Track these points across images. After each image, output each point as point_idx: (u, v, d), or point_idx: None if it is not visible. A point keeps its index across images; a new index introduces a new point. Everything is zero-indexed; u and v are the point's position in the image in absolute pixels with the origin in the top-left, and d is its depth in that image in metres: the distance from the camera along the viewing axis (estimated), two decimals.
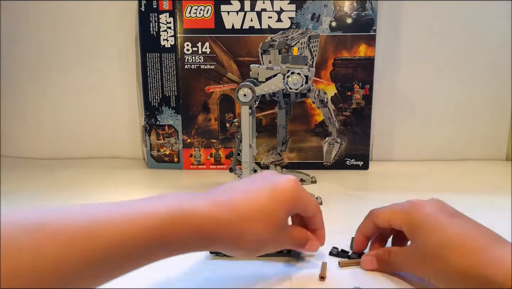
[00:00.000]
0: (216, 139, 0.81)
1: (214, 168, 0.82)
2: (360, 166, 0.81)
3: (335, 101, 0.78)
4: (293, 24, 0.75)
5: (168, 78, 0.79)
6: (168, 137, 0.82)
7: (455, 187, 0.72)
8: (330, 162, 0.81)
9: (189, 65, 0.78)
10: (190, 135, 0.81)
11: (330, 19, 0.75)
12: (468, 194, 0.68)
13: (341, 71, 0.77)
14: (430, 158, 0.86)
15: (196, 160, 0.82)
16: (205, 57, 0.77)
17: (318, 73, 0.77)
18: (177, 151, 0.82)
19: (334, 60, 0.77)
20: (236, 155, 0.64)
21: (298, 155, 0.81)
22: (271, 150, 0.80)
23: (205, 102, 0.79)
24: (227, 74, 0.78)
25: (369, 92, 0.78)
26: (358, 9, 0.75)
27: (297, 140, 0.80)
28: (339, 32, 0.75)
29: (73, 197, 0.68)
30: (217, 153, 0.82)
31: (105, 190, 0.71)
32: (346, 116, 0.79)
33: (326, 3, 0.74)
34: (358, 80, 0.77)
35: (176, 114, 0.80)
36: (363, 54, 0.76)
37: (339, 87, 0.78)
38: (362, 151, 0.80)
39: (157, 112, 0.80)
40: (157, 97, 0.80)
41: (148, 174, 0.81)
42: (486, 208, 0.62)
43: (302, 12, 0.75)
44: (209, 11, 0.75)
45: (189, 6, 0.75)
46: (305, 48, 0.76)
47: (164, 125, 0.81)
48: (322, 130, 0.80)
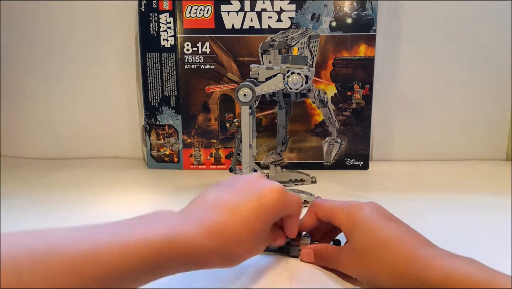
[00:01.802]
0: (216, 139, 0.81)
1: (214, 168, 0.82)
2: (360, 166, 0.81)
3: (335, 101, 0.78)
4: (293, 24, 0.75)
5: (168, 78, 0.79)
6: (168, 137, 0.82)
7: (455, 187, 0.72)
8: (330, 162, 0.81)
9: (189, 65, 0.78)
10: (190, 135, 0.81)
11: (330, 19, 0.75)
12: (468, 194, 0.68)
13: (341, 71, 0.77)
14: (430, 158, 0.86)
15: (196, 160, 0.82)
16: (205, 57, 0.77)
17: (318, 73, 0.77)
18: (177, 151, 0.82)
19: (334, 60, 0.77)
20: (236, 155, 0.64)
21: (298, 155, 0.81)
22: (271, 150, 0.80)
23: (205, 102, 0.79)
24: (227, 74, 0.78)
25: (369, 92, 0.78)
26: (358, 9, 0.75)
27: (297, 140, 0.80)
28: (339, 32, 0.75)
29: (73, 197, 0.68)
30: (217, 152, 0.82)
31: (105, 190, 0.71)
32: (346, 116, 0.79)
33: (326, 3, 0.74)
34: (358, 80, 0.77)
35: (176, 114, 0.80)
36: (363, 54, 0.76)
37: (339, 87, 0.78)
38: (362, 151, 0.80)
39: (157, 112, 0.80)
40: (157, 97, 0.80)
41: (148, 174, 0.81)
42: (486, 208, 0.62)
43: (302, 12, 0.75)
44: (209, 11, 0.75)
45: (189, 6, 0.75)
46: (305, 48, 0.76)
47: (164, 125, 0.81)
48: (322, 130, 0.80)
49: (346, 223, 0.42)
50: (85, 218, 0.59)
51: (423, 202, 0.65)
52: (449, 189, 0.71)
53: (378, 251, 0.38)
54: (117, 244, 0.30)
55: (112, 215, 0.62)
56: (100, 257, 0.29)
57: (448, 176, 0.79)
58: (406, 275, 0.36)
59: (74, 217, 0.59)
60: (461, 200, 0.66)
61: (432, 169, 0.82)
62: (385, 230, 0.39)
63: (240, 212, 0.38)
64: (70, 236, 0.31)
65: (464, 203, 0.64)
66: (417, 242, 0.38)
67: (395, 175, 0.79)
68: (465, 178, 0.77)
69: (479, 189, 0.71)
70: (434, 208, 0.63)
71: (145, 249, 0.31)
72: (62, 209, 0.62)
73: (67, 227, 0.31)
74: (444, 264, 0.35)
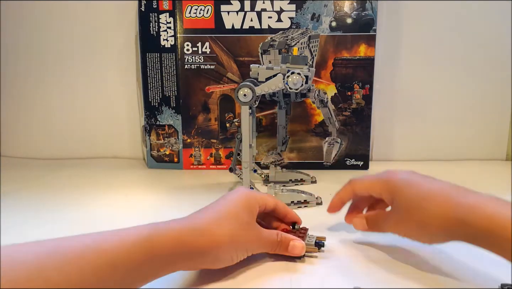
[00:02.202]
0: (216, 139, 0.81)
1: (214, 168, 0.82)
2: (360, 166, 0.81)
3: (335, 101, 0.78)
4: (293, 24, 0.75)
5: (168, 78, 0.79)
6: (168, 137, 0.82)
7: None
8: (330, 162, 0.81)
9: (189, 65, 0.78)
10: (190, 135, 0.81)
11: (330, 19, 0.75)
12: None
13: (341, 71, 0.77)
14: (430, 158, 0.86)
15: (196, 160, 0.82)
16: (205, 57, 0.77)
17: (318, 73, 0.77)
18: (177, 151, 0.82)
19: (334, 60, 0.77)
20: (236, 155, 0.64)
21: (298, 155, 0.81)
22: (271, 150, 0.80)
23: (205, 102, 0.79)
24: (227, 74, 0.78)
25: (369, 92, 0.78)
26: (358, 9, 0.75)
27: (297, 140, 0.80)
28: (339, 32, 0.75)
29: (73, 197, 0.68)
30: (217, 152, 0.82)
31: (105, 190, 0.71)
32: (346, 116, 0.79)
33: (326, 3, 0.74)
34: (358, 80, 0.77)
35: (176, 114, 0.80)
36: (363, 54, 0.76)
37: (339, 87, 0.78)
38: (362, 151, 0.80)
39: (157, 112, 0.80)
40: (157, 97, 0.80)
41: (148, 174, 0.81)
42: None
43: (302, 12, 0.75)
44: (209, 11, 0.75)
45: (189, 6, 0.75)
46: (305, 48, 0.76)
47: (164, 125, 0.81)
48: (322, 130, 0.80)
49: (386, 190, 0.44)
50: (85, 217, 0.59)
51: None
52: None
53: (422, 204, 0.40)
54: (114, 237, 0.35)
55: (112, 215, 0.62)
56: (100, 246, 0.33)
57: (448, 176, 0.77)
58: (453, 222, 0.38)
59: (74, 216, 0.59)
60: None
61: (432, 169, 0.80)
62: (426, 184, 0.42)
63: (213, 206, 0.43)
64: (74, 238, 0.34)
65: None
66: (458, 190, 0.40)
67: None
68: (465, 178, 0.76)
69: (479, 189, 0.70)
70: None
71: (138, 236, 0.35)
72: (62, 209, 0.62)
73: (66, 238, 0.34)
74: (488, 208, 0.36)
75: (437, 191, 0.41)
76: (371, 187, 0.46)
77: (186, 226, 0.39)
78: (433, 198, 0.40)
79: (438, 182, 0.43)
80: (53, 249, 0.32)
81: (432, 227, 0.40)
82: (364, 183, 0.47)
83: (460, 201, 0.38)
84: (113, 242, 0.34)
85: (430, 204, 0.40)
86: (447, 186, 0.41)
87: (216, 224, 0.40)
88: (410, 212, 0.41)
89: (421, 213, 0.40)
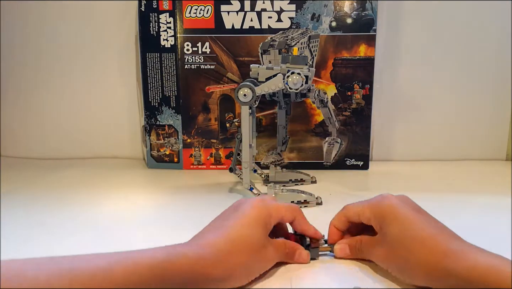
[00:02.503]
0: (216, 139, 0.81)
1: (214, 168, 0.82)
2: (360, 166, 0.81)
3: (335, 101, 0.78)
4: (293, 24, 0.75)
5: (168, 78, 0.79)
6: (168, 137, 0.82)
7: (455, 187, 0.72)
8: (330, 162, 0.81)
9: (189, 65, 0.78)
10: (190, 135, 0.81)
11: (330, 19, 0.75)
12: (468, 194, 0.68)
13: (341, 71, 0.77)
14: (430, 158, 0.86)
15: (196, 160, 0.82)
16: (205, 57, 0.77)
17: (318, 73, 0.77)
18: (177, 151, 0.82)
19: (334, 60, 0.77)
20: (236, 155, 0.64)
21: (298, 155, 0.81)
22: (271, 150, 0.80)
23: (205, 102, 0.79)
24: (227, 74, 0.78)
25: (369, 92, 0.78)
26: (358, 9, 0.75)
27: (297, 140, 0.80)
28: (339, 32, 0.75)
29: (73, 197, 0.68)
30: (217, 152, 0.82)
31: (105, 190, 0.71)
32: (346, 116, 0.79)
33: (326, 3, 0.74)
34: (358, 80, 0.77)
35: (176, 114, 0.80)
36: (363, 54, 0.76)
37: (339, 87, 0.78)
38: (362, 151, 0.80)
39: (157, 112, 0.80)
40: (157, 97, 0.80)
41: (148, 174, 0.81)
42: (486, 208, 0.62)
43: (302, 12, 0.75)
44: (209, 11, 0.75)
45: (189, 6, 0.75)
46: (305, 48, 0.76)
47: (164, 125, 0.81)
48: (322, 130, 0.80)
49: (375, 216, 0.43)
50: (85, 218, 0.59)
51: (423, 202, 0.64)
52: (449, 189, 0.71)
53: (410, 246, 0.39)
54: (128, 260, 0.35)
55: (112, 215, 0.62)
56: (112, 270, 0.33)
57: (448, 176, 0.79)
58: (437, 268, 0.37)
59: (74, 217, 0.59)
60: (461, 200, 0.66)
61: (432, 169, 0.82)
62: (416, 223, 0.40)
63: (227, 227, 0.41)
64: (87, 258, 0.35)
65: (464, 203, 0.64)
66: (447, 237, 0.39)
67: (395, 175, 0.79)
68: (465, 178, 0.77)
69: (479, 189, 0.71)
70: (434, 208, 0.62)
71: (151, 261, 0.35)
72: (62, 209, 0.62)
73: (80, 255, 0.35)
74: (470, 256, 0.36)
75: (427, 235, 0.39)
76: (362, 212, 0.45)
77: (199, 255, 0.38)
78: (421, 243, 0.39)
79: (429, 221, 0.42)
80: (66, 267, 0.32)
81: (415, 272, 0.39)
82: (355, 209, 0.46)
83: (447, 248, 0.37)
84: (126, 266, 0.34)
85: (416, 249, 0.39)
86: (436, 230, 0.40)
87: (229, 254, 0.39)
88: (396, 249, 0.40)
89: (407, 254, 0.39)
